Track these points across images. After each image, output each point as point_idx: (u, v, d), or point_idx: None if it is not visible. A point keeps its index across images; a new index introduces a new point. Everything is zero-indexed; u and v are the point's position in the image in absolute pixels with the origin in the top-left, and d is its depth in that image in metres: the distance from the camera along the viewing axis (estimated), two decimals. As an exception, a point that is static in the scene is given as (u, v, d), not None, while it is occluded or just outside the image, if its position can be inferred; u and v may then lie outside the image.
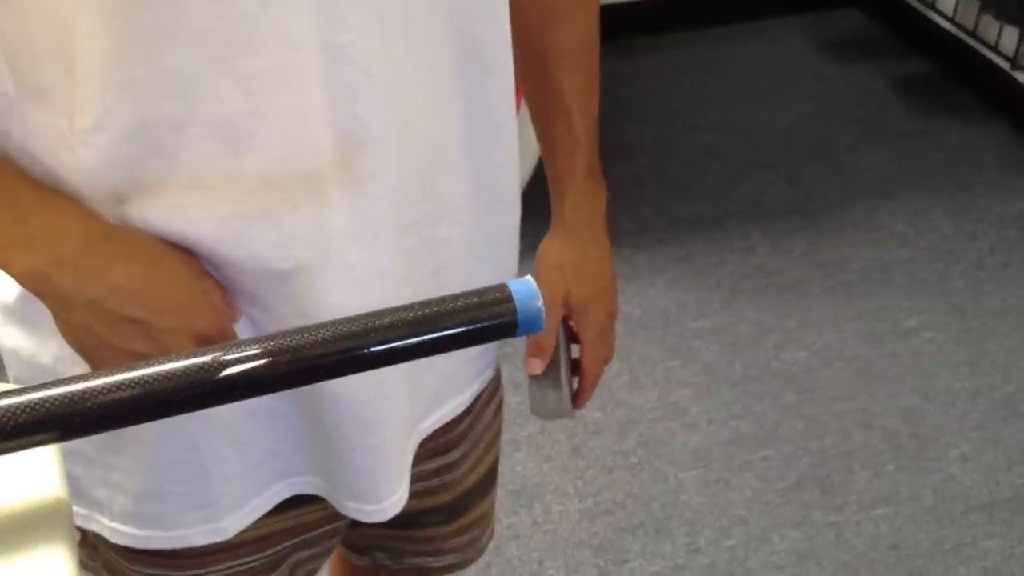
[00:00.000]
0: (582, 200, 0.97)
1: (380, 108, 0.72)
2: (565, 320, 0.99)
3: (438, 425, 0.93)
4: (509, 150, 0.87)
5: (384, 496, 0.87)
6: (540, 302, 0.64)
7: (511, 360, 2.14)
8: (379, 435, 0.83)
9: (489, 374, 0.99)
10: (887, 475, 2.00)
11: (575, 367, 1.01)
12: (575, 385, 1.01)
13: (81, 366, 0.75)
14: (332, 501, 0.88)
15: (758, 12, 3.34)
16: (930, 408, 2.13)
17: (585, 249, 0.98)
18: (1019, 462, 2.02)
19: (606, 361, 1.01)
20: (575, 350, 1.01)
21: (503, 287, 0.63)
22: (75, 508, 0.84)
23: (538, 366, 0.97)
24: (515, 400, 2.12)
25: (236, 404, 0.58)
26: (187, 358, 0.58)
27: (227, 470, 0.82)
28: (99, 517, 0.84)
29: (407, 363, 0.62)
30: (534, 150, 1.00)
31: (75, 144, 0.68)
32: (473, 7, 0.77)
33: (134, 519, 0.84)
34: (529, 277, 0.65)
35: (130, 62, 0.65)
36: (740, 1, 3.31)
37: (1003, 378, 2.19)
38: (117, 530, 0.84)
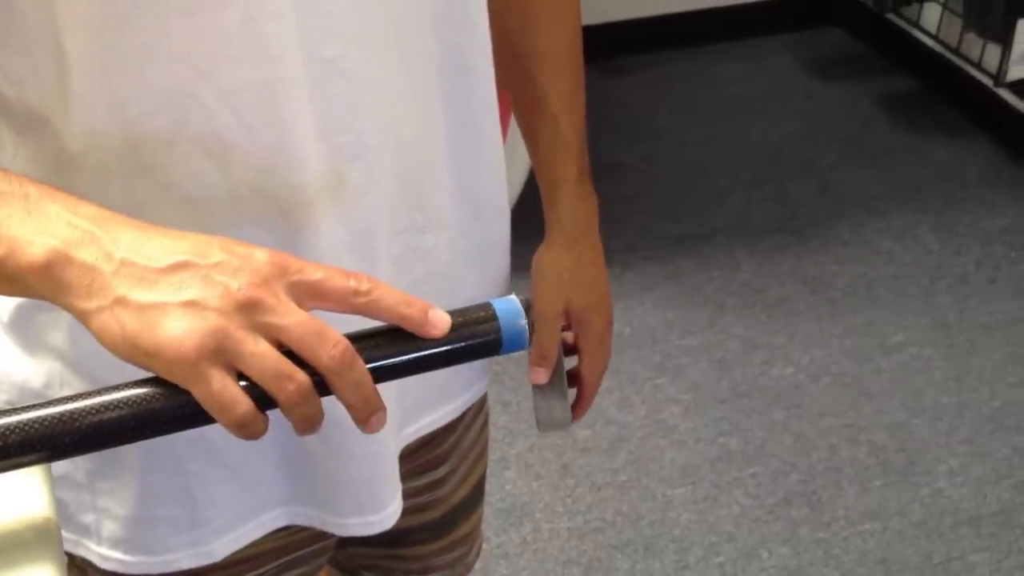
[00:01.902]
0: (577, 205, 0.96)
1: (372, 119, 0.73)
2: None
3: (423, 432, 0.93)
4: (493, 157, 0.87)
5: (387, 503, 0.87)
6: (524, 320, 0.64)
7: (499, 380, 2.15)
8: (379, 440, 0.83)
9: (481, 386, 0.99)
10: (875, 490, 2.00)
11: (569, 379, 1.02)
12: (571, 397, 1.02)
13: (72, 390, 0.75)
14: (328, 526, 0.88)
15: (745, 31, 3.36)
16: (917, 423, 2.14)
17: (582, 255, 0.97)
18: (1007, 476, 2.03)
19: (604, 370, 1.01)
20: (568, 362, 1.02)
21: (487, 306, 0.64)
22: (64, 533, 0.83)
23: (543, 375, 0.97)
24: (504, 419, 2.13)
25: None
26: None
27: (216, 494, 0.82)
28: (87, 542, 0.84)
29: None
30: (524, 164, 1.00)
31: (65, 170, 0.69)
32: (455, 13, 0.78)
33: (123, 544, 0.83)
34: (513, 296, 0.66)
35: (117, 82, 0.66)
36: (727, 20, 3.33)
37: (990, 392, 2.20)
38: (106, 556, 0.84)
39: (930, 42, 3.03)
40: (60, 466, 0.80)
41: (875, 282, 2.48)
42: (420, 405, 0.91)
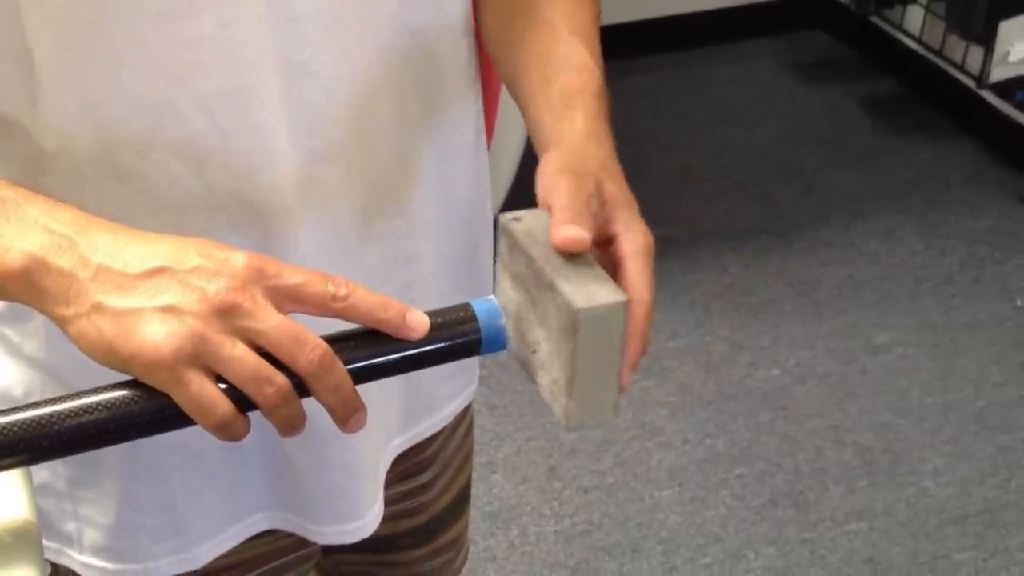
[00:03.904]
0: (596, 115, 0.76)
1: (342, 124, 0.73)
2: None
3: (414, 442, 0.93)
4: (477, 165, 0.88)
5: (363, 512, 0.87)
6: (503, 320, 0.65)
7: (486, 383, 2.15)
8: (356, 448, 0.83)
9: (469, 393, 0.99)
10: (861, 490, 2.01)
11: None
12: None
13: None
14: (308, 533, 0.88)
15: (729, 35, 3.37)
16: (902, 423, 2.14)
17: (603, 145, 0.74)
18: (991, 475, 2.04)
19: (653, 288, 0.68)
20: None
21: (466, 306, 0.64)
22: (45, 542, 0.83)
23: (580, 231, 0.64)
24: (491, 422, 2.13)
25: (206, 434, 0.59)
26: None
27: (198, 501, 0.82)
28: (69, 551, 0.84)
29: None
30: (509, 171, 0.99)
31: (38, 174, 0.69)
32: (434, 23, 0.78)
33: (104, 553, 0.83)
34: (492, 296, 0.66)
35: (88, 86, 0.66)
36: (711, 24, 3.34)
37: (974, 392, 2.21)
38: (88, 564, 0.84)
39: (913, 44, 3.05)
40: (41, 475, 0.80)
41: (860, 283, 2.49)
42: (411, 417, 0.91)
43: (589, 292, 0.61)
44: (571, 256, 0.63)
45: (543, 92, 0.76)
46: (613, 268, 0.67)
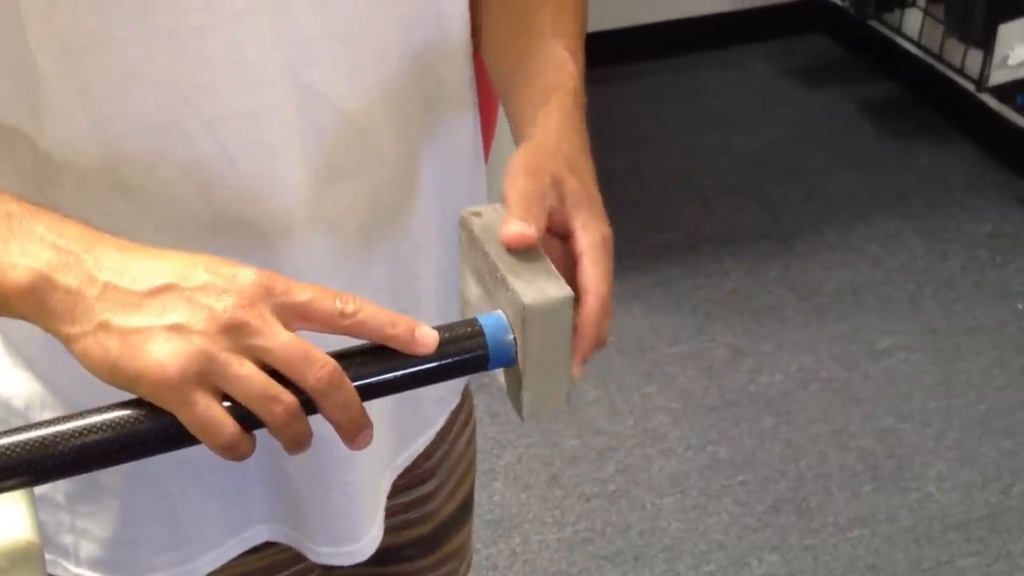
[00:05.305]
0: (572, 111, 0.77)
1: (348, 145, 0.73)
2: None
3: (410, 461, 0.93)
4: (477, 187, 0.87)
5: (361, 535, 0.87)
6: (511, 336, 0.64)
7: (487, 391, 2.15)
8: (355, 472, 0.83)
9: (453, 405, 0.99)
10: (864, 496, 2.00)
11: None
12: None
13: (51, 412, 0.74)
14: (305, 550, 0.87)
15: (728, 40, 3.37)
16: (905, 428, 2.14)
17: (572, 142, 0.75)
18: (994, 480, 2.03)
19: (610, 278, 0.72)
20: None
21: (473, 321, 0.64)
22: (39, 555, 0.83)
23: (529, 230, 0.65)
24: (492, 430, 2.12)
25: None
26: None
27: (198, 514, 0.82)
28: (64, 563, 0.83)
29: (379, 400, 0.62)
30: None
31: (43, 184, 0.68)
32: (436, 42, 0.77)
33: (102, 565, 0.83)
34: (499, 312, 0.65)
35: (96, 102, 0.65)
36: (710, 30, 3.34)
37: (977, 396, 2.21)
38: None
39: (912, 48, 3.04)
40: (39, 487, 0.79)
41: (861, 288, 2.48)
42: (408, 435, 0.91)
43: (537, 287, 0.64)
44: (524, 251, 0.65)
45: (524, 88, 0.78)
46: (573, 263, 0.69)
